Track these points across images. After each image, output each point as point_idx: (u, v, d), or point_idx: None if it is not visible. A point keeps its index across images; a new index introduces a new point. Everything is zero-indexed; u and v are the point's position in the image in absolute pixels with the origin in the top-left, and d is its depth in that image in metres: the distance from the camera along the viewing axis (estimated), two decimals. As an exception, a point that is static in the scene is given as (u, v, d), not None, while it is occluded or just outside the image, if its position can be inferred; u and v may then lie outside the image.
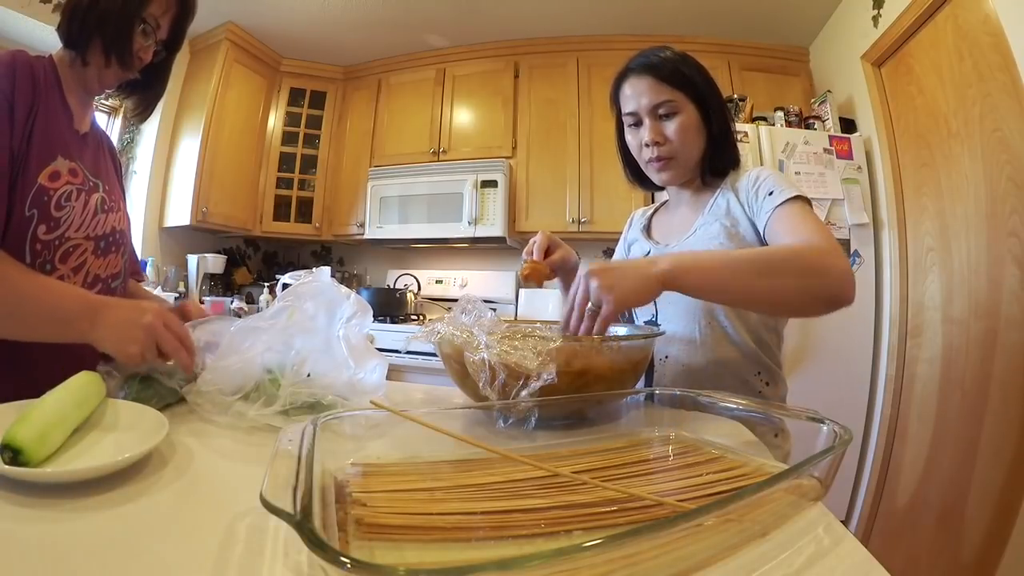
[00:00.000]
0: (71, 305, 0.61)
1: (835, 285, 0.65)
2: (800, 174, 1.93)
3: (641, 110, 0.84)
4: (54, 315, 0.61)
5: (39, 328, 0.62)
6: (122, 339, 0.59)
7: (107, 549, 0.31)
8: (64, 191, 0.69)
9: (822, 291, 0.66)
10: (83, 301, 0.62)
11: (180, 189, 2.52)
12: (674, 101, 0.82)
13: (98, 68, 0.72)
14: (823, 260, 0.65)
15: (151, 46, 0.75)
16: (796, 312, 0.79)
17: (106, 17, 0.69)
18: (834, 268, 0.65)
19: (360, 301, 0.70)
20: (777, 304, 0.71)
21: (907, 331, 1.82)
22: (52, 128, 0.69)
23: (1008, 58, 1.32)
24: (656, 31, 2.51)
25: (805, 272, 0.65)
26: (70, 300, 0.62)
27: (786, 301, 0.69)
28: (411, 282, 2.83)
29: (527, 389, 0.54)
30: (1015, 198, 1.36)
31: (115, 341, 0.59)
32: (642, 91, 0.83)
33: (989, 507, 1.36)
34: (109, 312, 0.61)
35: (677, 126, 0.83)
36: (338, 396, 0.62)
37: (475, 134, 2.71)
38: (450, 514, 0.35)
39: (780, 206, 0.76)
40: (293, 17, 2.53)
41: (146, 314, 0.60)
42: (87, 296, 0.64)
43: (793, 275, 0.65)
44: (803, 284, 0.65)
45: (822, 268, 0.65)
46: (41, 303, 0.61)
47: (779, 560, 0.32)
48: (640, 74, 0.84)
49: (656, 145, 0.84)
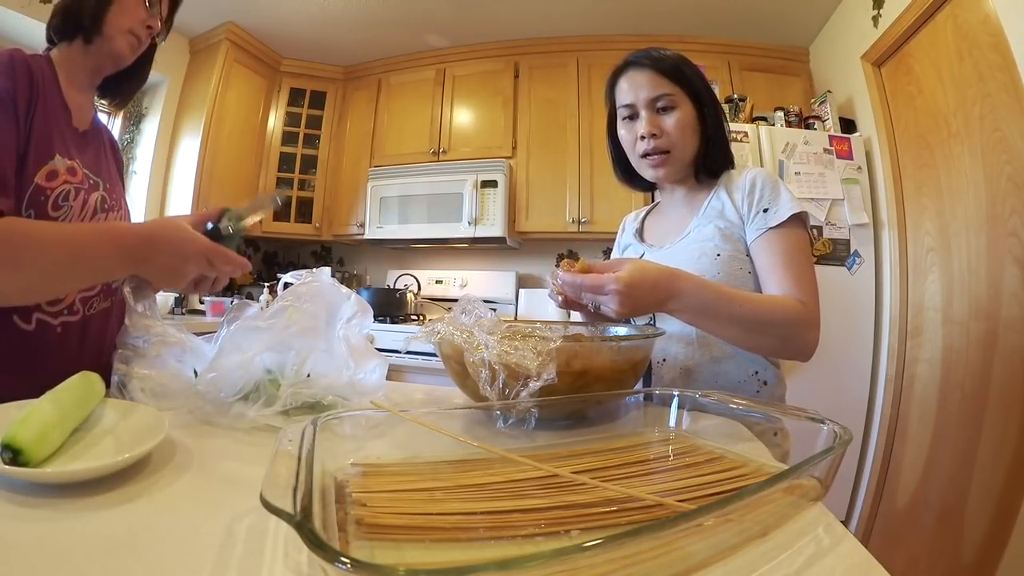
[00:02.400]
0: (111, 255, 0.61)
1: (800, 353, 0.75)
2: (800, 174, 1.93)
3: (639, 102, 0.84)
4: (98, 267, 0.61)
5: (85, 282, 0.65)
6: (171, 281, 0.64)
7: (107, 549, 0.31)
8: (62, 190, 0.68)
9: (791, 355, 0.77)
10: (122, 249, 0.61)
11: (180, 189, 2.52)
12: (673, 95, 0.83)
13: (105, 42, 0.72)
14: (802, 332, 0.73)
15: (158, 16, 0.75)
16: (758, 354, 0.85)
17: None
18: (809, 340, 0.74)
19: (360, 301, 0.70)
20: (749, 349, 0.79)
21: (907, 331, 1.82)
22: (50, 127, 0.68)
23: (1008, 58, 1.32)
24: (656, 31, 2.51)
25: (785, 338, 0.74)
26: (109, 248, 0.61)
27: (759, 351, 0.80)
28: (411, 282, 2.82)
29: (527, 389, 0.54)
30: (1015, 198, 1.36)
31: (164, 283, 0.65)
32: (641, 84, 0.83)
33: (989, 507, 1.36)
34: (154, 256, 0.62)
35: (675, 121, 0.83)
36: (338, 396, 0.62)
37: (475, 134, 2.71)
38: (450, 514, 0.35)
39: (772, 229, 0.78)
40: (293, 17, 2.53)
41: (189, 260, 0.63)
42: (123, 241, 0.62)
43: (774, 337, 0.74)
44: (779, 346, 0.76)
45: (799, 338, 0.74)
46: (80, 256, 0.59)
47: (779, 560, 0.32)
48: (640, 67, 0.84)
49: (652, 138, 0.84)
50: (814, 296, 0.75)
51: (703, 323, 0.73)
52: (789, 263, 0.77)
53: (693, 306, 0.69)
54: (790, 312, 0.72)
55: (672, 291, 0.67)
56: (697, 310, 0.70)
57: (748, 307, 0.70)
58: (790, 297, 0.74)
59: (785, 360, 0.82)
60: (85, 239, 0.61)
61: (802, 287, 0.75)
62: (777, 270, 0.77)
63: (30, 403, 0.45)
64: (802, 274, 0.76)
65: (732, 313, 0.70)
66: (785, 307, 0.73)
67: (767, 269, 0.78)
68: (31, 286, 0.59)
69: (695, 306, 0.69)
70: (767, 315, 0.72)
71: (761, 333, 0.72)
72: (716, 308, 0.70)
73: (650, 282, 0.66)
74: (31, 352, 0.66)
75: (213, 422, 0.57)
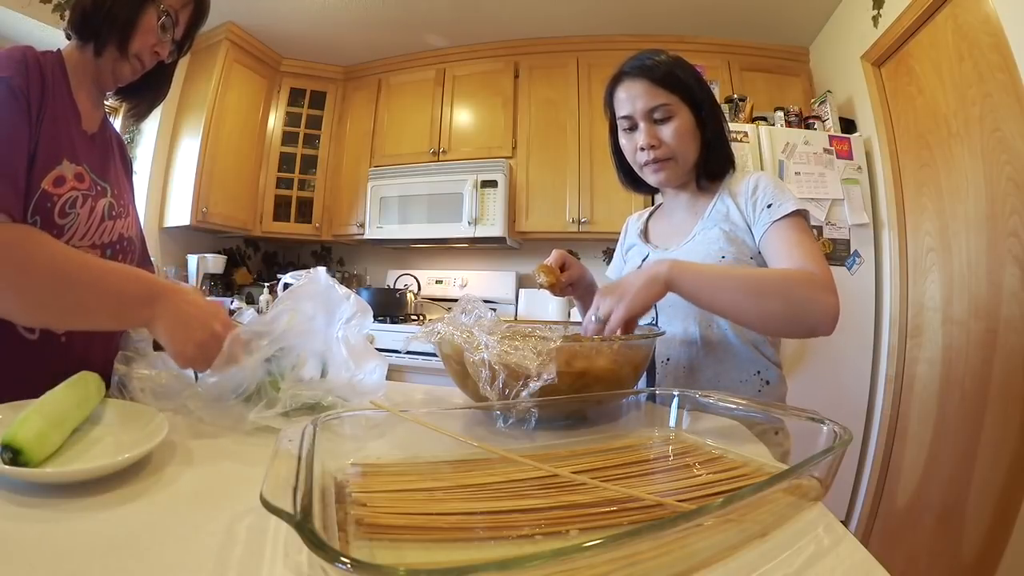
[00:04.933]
0: (132, 288, 0.57)
1: (816, 318, 0.69)
2: (800, 174, 1.93)
3: (636, 114, 0.84)
4: (115, 298, 0.57)
5: (95, 312, 0.58)
6: (183, 336, 0.56)
7: (107, 549, 0.31)
8: (69, 197, 0.66)
9: (808, 323, 0.70)
10: (143, 284, 0.58)
11: (180, 189, 2.52)
12: (669, 105, 0.82)
13: (112, 60, 0.70)
14: (812, 292, 0.69)
15: (168, 42, 0.73)
16: (778, 334, 0.83)
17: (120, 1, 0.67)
18: (820, 302, 0.69)
19: (360, 302, 0.70)
20: (762, 323, 0.75)
21: (907, 331, 1.82)
22: (58, 130, 0.66)
23: (1008, 58, 1.32)
24: (656, 31, 2.51)
25: (792, 300, 0.69)
26: (130, 282, 0.58)
27: (771, 322, 0.73)
28: (411, 282, 2.82)
29: (527, 389, 0.54)
30: (1015, 198, 1.36)
31: (174, 333, 0.56)
32: (637, 95, 0.83)
33: (989, 507, 1.36)
34: (175, 299, 0.57)
35: (672, 130, 0.83)
36: (338, 397, 0.62)
37: (475, 134, 2.71)
38: (450, 514, 0.35)
39: (777, 221, 0.78)
40: (293, 17, 2.53)
41: (216, 321, 0.57)
42: (147, 278, 0.60)
43: (780, 300, 0.69)
44: (788, 311, 0.69)
45: (809, 299, 0.69)
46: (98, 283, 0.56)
47: (779, 560, 0.32)
48: (634, 77, 0.84)
49: (652, 149, 0.84)
50: (825, 269, 0.73)
51: (706, 292, 0.70)
52: (796, 245, 0.76)
53: (690, 274, 0.68)
54: (796, 276, 0.70)
55: (661, 265, 0.68)
56: (695, 276, 0.69)
57: (751, 270, 0.71)
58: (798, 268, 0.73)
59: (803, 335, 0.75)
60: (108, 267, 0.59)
61: (813, 261, 0.73)
62: (786, 252, 0.76)
63: (30, 403, 0.45)
64: (811, 253, 0.75)
65: (733, 275, 0.70)
66: (790, 272, 0.72)
67: (776, 254, 0.77)
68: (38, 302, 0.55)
69: (692, 274, 0.68)
70: (771, 276, 0.71)
71: (769, 296, 0.69)
72: (715, 273, 0.70)
73: (634, 274, 0.67)
74: (35, 362, 0.65)
75: (214, 423, 0.57)
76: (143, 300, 0.57)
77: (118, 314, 0.59)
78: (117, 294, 0.57)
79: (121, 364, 0.66)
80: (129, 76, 0.73)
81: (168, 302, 0.57)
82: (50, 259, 0.55)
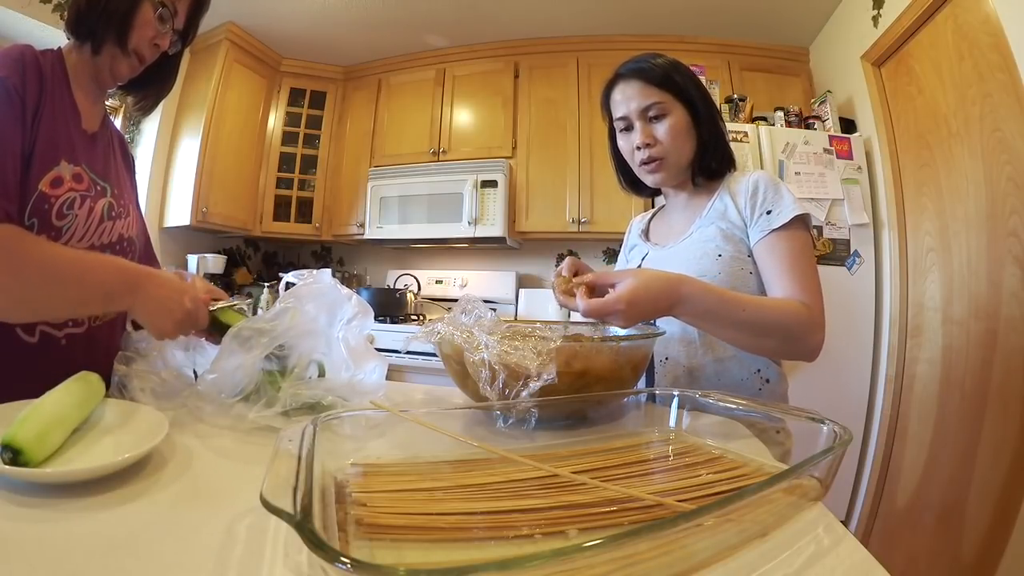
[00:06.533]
0: (113, 279, 0.62)
1: (803, 353, 0.75)
2: (800, 174, 1.93)
3: (631, 114, 0.85)
4: (99, 291, 0.61)
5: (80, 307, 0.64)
6: (160, 315, 0.62)
7: (107, 549, 0.31)
8: (67, 198, 0.65)
9: (795, 357, 0.78)
10: (123, 274, 0.63)
11: (180, 189, 2.52)
12: (663, 103, 0.83)
13: (110, 57, 0.69)
14: (806, 333, 0.73)
15: (168, 33, 0.72)
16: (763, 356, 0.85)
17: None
18: (811, 342, 0.74)
19: (361, 303, 0.70)
20: (755, 352, 0.80)
21: (907, 331, 1.81)
22: (57, 129, 0.65)
23: (1008, 58, 1.32)
24: (656, 31, 2.51)
25: (789, 341, 0.74)
26: (112, 273, 0.62)
27: (763, 353, 0.81)
28: (411, 282, 2.82)
29: (527, 389, 0.54)
30: (1015, 198, 1.36)
31: (152, 316, 0.62)
32: (631, 95, 0.85)
33: (989, 507, 1.36)
34: (151, 286, 0.62)
35: (667, 128, 0.84)
36: (338, 397, 0.62)
37: (475, 134, 2.71)
38: (450, 514, 0.35)
39: (775, 231, 0.78)
40: (293, 17, 2.53)
41: (185, 296, 0.64)
42: (126, 267, 0.65)
43: (778, 341, 0.74)
44: (783, 349, 0.77)
45: (802, 340, 0.74)
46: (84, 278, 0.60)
47: (779, 560, 0.32)
48: (629, 79, 0.85)
49: (647, 147, 0.85)
50: (818, 298, 0.76)
51: (707, 327, 0.74)
52: (793, 265, 0.77)
53: (697, 311, 0.69)
54: (793, 315, 0.73)
55: (675, 298, 0.67)
56: (701, 315, 0.70)
57: (751, 311, 0.70)
58: (794, 300, 0.74)
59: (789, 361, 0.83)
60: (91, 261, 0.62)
61: (806, 290, 0.75)
62: (781, 273, 0.77)
63: (30, 403, 0.45)
64: (806, 276, 0.77)
65: (736, 317, 0.70)
66: (788, 310, 0.73)
67: (771, 272, 0.79)
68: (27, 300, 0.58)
69: (699, 311, 0.69)
70: (770, 319, 0.72)
71: (765, 336, 0.73)
72: (719, 312, 0.70)
73: (653, 293, 0.66)
74: (36, 366, 0.65)
75: (213, 422, 0.57)
76: (124, 290, 0.62)
77: (103, 306, 0.65)
78: (100, 285, 0.61)
79: (121, 364, 0.66)
80: (128, 73, 0.73)
81: (145, 290, 0.62)
82: (36, 259, 0.57)
